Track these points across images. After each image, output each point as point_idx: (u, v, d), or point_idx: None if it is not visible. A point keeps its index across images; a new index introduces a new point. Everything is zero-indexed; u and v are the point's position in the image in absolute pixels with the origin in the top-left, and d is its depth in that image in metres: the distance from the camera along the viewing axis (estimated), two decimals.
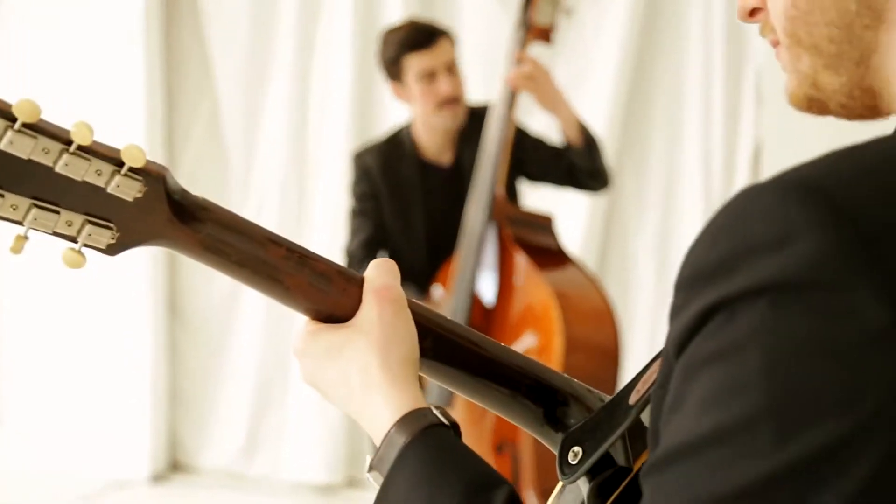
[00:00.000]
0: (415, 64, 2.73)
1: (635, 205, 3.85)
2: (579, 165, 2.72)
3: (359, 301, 0.84)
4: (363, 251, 2.75)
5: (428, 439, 0.76)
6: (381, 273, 0.85)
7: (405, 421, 0.78)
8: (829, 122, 0.75)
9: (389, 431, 0.78)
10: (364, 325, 0.83)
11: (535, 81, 2.64)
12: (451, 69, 2.76)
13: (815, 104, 0.72)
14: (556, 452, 0.84)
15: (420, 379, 0.84)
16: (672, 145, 3.78)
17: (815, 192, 0.55)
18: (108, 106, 4.13)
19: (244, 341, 4.28)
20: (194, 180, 4.21)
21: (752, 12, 0.74)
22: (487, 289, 2.67)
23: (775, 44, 0.72)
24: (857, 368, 0.53)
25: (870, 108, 0.70)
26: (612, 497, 0.81)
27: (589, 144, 2.70)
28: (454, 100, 2.76)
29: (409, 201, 2.83)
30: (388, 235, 2.82)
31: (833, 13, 0.67)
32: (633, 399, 0.79)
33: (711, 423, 0.55)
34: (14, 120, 0.70)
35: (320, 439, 4.11)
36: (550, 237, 2.70)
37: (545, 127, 3.19)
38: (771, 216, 0.55)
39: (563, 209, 3.01)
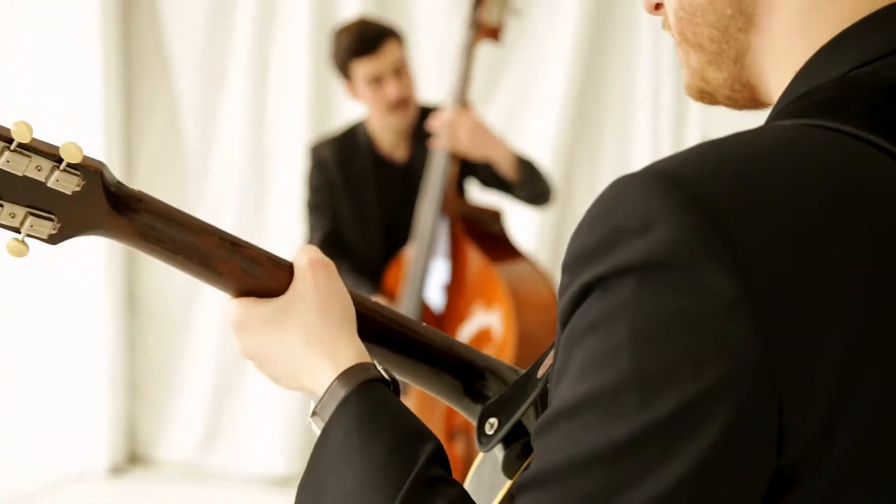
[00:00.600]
0: (362, 69, 2.79)
1: (588, 201, 3.90)
2: (519, 195, 2.79)
3: (287, 284, 0.90)
4: (323, 249, 2.80)
5: (367, 393, 0.82)
6: (310, 251, 0.92)
7: (348, 373, 0.84)
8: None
9: (333, 382, 0.84)
10: (301, 291, 0.89)
11: (460, 140, 2.67)
12: (399, 71, 2.81)
13: (706, 96, 0.80)
14: (473, 423, 0.91)
15: None
16: (623, 143, 3.83)
17: (674, 182, 0.62)
18: (66, 103, 4.14)
19: (202, 334, 4.31)
20: (153, 176, 4.24)
21: (657, 6, 0.82)
22: (440, 280, 2.73)
23: (673, 36, 0.80)
24: (708, 337, 0.59)
25: (751, 100, 0.78)
26: (525, 463, 0.87)
27: (527, 176, 2.75)
28: (403, 102, 2.81)
29: (364, 194, 2.88)
30: (342, 228, 2.87)
31: (712, 16, 0.75)
32: (540, 372, 0.86)
33: (586, 389, 0.62)
34: None
35: (279, 430, 4.15)
36: (500, 230, 2.77)
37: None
38: (636, 205, 0.62)
39: (513, 210, 3.06)
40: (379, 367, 0.86)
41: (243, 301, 0.90)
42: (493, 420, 0.88)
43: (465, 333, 2.65)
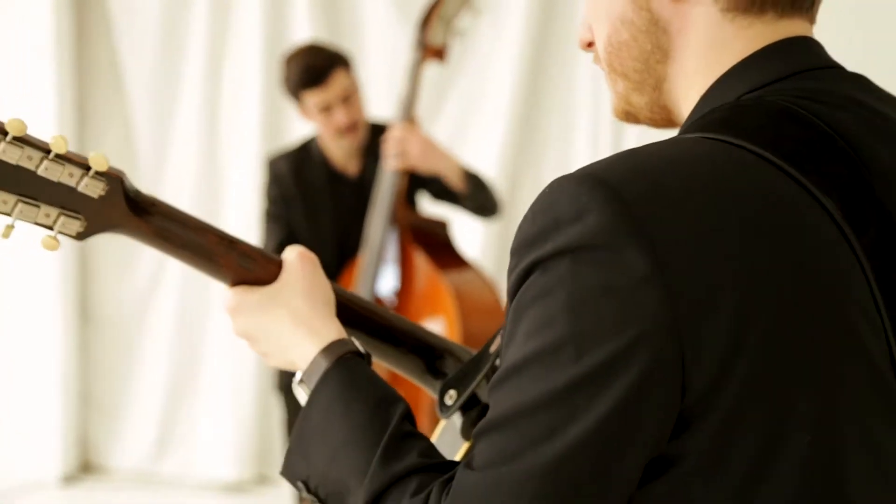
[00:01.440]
0: (311, 99, 2.91)
1: None
2: (467, 206, 2.91)
3: (276, 276, 1.05)
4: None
5: (346, 363, 0.98)
6: (296, 248, 1.07)
7: (330, 348, 0.99)
8: None
9: (317, 355, 0.99)
10: (290, 280, 1.04)
11: (407, 155, 2.79)
12: (348, 98, 2.92)
13: (630, 117, 0.95)
14: (435, 397, 1.06)
15: None
16: (564, 156, 3.94)
17: (600, 182, 0.76)
18: (21, 117, 4.21)
19: (155, 342, 4.36)
20: None
21: (589, 44, 0.97)
22: (389, 286, 2.86)
23: (602, 68, 0.95)
24: (626, 303, 0.74)
25: (667, 121, 0.94)
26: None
27: (474, 188, 2.87)
28: (352, 126, 2.94)
29: (319, 206, 3.01)
30: (297, 237, 2.99)
31: (636, 51, 0.90)
32: (492, 348, 1.01)
33: (531, 348, 0.77)
34: (6, 134, 0.90)
35: (231, 437, 4.21)
36: (446, 240, 2.91)
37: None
38: (570, 199, 0.77)
39: (459, 221, 3.20)
40: (355, 342, 1.01)
41: (239, 289, 1.05)
42: (452, 392, 1.03)
43: None
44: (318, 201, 3.01)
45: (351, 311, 1.09)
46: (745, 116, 0.82)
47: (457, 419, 1.05)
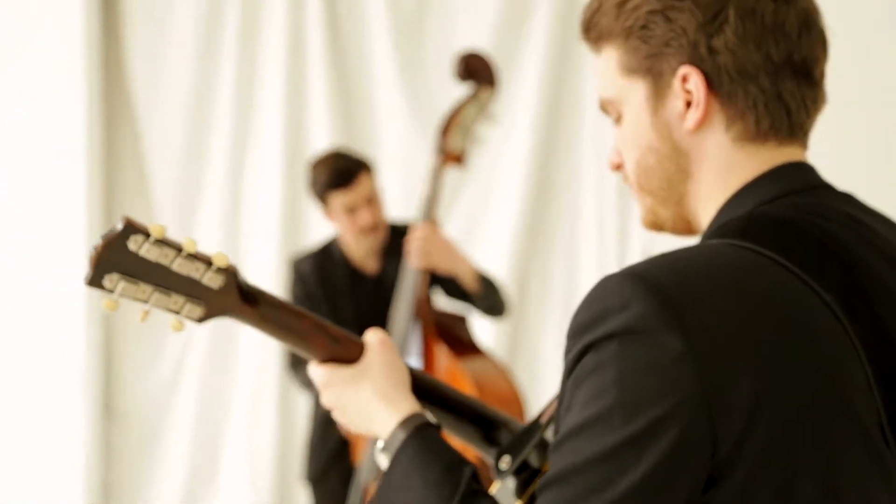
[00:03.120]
0: (337, 200, 3.07)
1: (540, 308, 4.16)
2: (479, 306, 3.07)
3: (357, 356, 1.24)
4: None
5: (421, 432, 1.16)
6: (377, 333, 1.26)
7: (407, 420, 1.18)
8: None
9: (396, 427, 1.17)
10: (373, 361, 1.23)
11: (429, 255, 2.94)
12: (371, 200, 3.09)
13: (657, 226, 1.14)
14: (491, 462, 1.23)
15: None
16: (572, 253, 4.10)
17: (641, 278, 0.93)
18: (51, 216, 4.37)
19: (176, 435, 4.45)
20: None
21: (617, 166, 1.16)
22: None
23: (631, 186, 1.14)
24: (664, 377, 0.90)
25: (688, 230, 1.13)
26: (530, 488, 1.20)
27: (486, 290, 3.03)
28: (374, 227, 3.10)
29: (341, 304, 3.16)
30: None
31: (661, 173, 1.09)
32: (542, 420, 1.19)
33: (586, 415, 0.92)
34: (149, 236, 1.08)
35: None
36: (466, 333, 3.05)
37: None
38: (616, 293, 0.93)
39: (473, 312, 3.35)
40: (428, 415, 1.19)
41: (328, 367, 1.24)
42: (507, 457, 1.20)
43: None
44: (341, 299, 3.16)
45: (424, 388, 1.28)
46: (758, 226, 1.00)
47: (510, 482, 1.22)
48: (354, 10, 4.29)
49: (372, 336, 1.26)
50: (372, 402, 1.21)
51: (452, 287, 3.11)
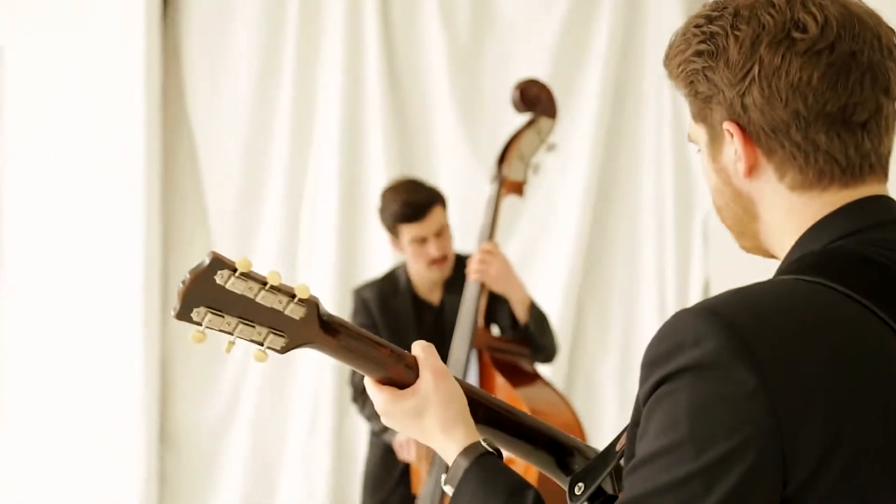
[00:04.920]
0: (408, 232, 3.09)
1: (599, 336, 4.15)
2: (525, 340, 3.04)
3: (414, 376, 1.24)
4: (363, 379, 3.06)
5: (482, 461, 1.18)
6: (428, 354, 1.26)
7: (466, 451, 1.20)
8: (758, 261, 1.16)
9: (457, 458, 1.19)
10: (429, 396, 1.24)
11: (489, 274, 2.94)
12: (441, 233, 3.10)
13: (749, 250, 1.15)
14: (565, 488, 1.23)
15: None
16: (630, 282, 4.10)
17: (716, 314, 0.95)
18: (108, 241, 4.44)
19: (232, 466, 4.46)
20: None
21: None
22: None
23: None
24: (737, 411, 0.91)
25: (771, 255, 1.13)
26: None
27: (536, 324, 3.01)
28: (442, 259, 3.12)
29: (403, 332, 3.17)
30: None
31: (730, 213, 1.12)
32: (617, 447, 1.19)
33: (659, 444, 0.94)
34: (235, 270, 1.11)
35: None
36: (525, 360, 3.05)
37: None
38: (690, 327, 0.95)
39: None
40: (485, 444, 1.21)
41: (388, 396, 1.25)
42: (581, 484, 1.20)
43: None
44: (402, 327, 3.17)
45: (496, 414, 1.29)
46: (831, 262, 1.01)
47: None
48: (411, 40, 4.33)
49: (425, 357, 1.26)
50: (430, 433, 1.23)
51: (502, 320, 3.11)
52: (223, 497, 4.50)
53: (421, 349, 1.26)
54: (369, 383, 1.26)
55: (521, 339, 3.06)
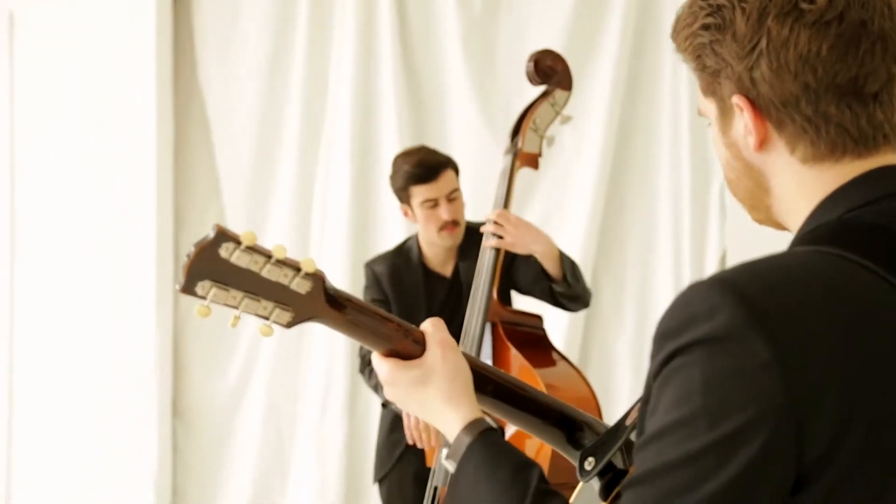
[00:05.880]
0: (419, 194, 3.08)
1: (614, 309, 4.14)
2: (559, 292, 3.01)
3: (421, 350, 1.23)
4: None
5: (484, 438, 1.16)
6: (437, 328, 1.26)
7: (469, 426, 1.18)
8: (776, 232, 1.14)
9: (459, 434, 1.18)
10: (436, 367, 1.23)
11: (507, 241, 2.90)
12: (453, 198, 3.09)
13: (762, 222, 1.14)
14: (575, 463, 1.21)
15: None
16: (646, 255, 4.08)
17: (730, 286, 0.93)
18: (121, 218, 4.46)
19: (245, 439, 4.49)
20: None
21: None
22: None
23: None
24: (751, 384, 0.89)
25: (782, 227, 1.12)
26: (615, 490, 1.17)
27: (567, 275, 2.97)
28: (454, 223, 3.10)
29: (414, 305, 3.16)
30: None
31: (742, 186, 1.11)
32: (628, 421, 1.17)
33: (671, 418, 0.92)
34: (240, 243, 1.09)
35: None
36: (540, 333, 3.03)
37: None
38: (704, 300, 0.93)
39: (546, 312, 3.33)
40: (488, 419, 1.20)
41: (393, 365, 1.23)
42: (591, 459, 1.19)
43: (509, 430, 2.90)
44: (414, 301, 3.16)
45: (505, 390, 1.29)
46: (846, 232, 1.00)
47: (594, 483, 1.20)
48: (424, 12, 4.31)
49: (434, 336, 1.25)
50: (434, 405, 1.22)
51: (525, 282, 3.08)
52: (236, 470, 4.52)
53: (430, 324, 1.25)
54: (375, 355, 1.25)
55: (552, 297, 3.02)
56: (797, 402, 0.89)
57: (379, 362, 1.24)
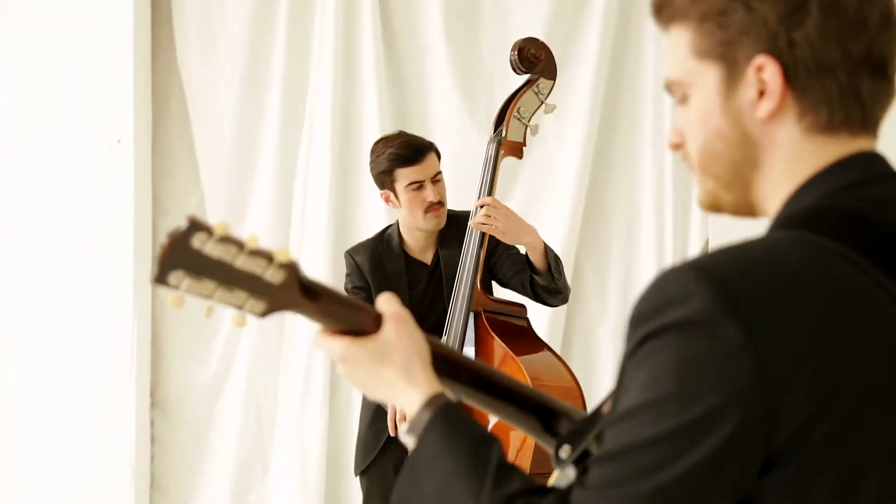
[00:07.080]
0: (405, 176, 3.05)
1: (596, 298, 4.14)
2: (541, 285, 3.01)
3: (375, 326, 1.21)
4: None
5: (446, 411, 1.15)
6: (389, 303, 1.23)
7: (430, 401, 1.16)
8: (759, 222, 1.11)
9: (420, 408, 1.16)
10: (391, 342, 1.20)
11: (495, 223, 2.92)
12: (437, 179, 3.08)
13: (715, 208, 1.13)
14: (551, 452, 1.20)
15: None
16: (628, 244, 4.08)
17: (704, 271, 0.93)
18: (98, 208, 4.41)
19: (225, 430, 4.46)
20: None
21: (676, 146, 1.14)
22: None
23: (692, 167, 1.12)
24: (723, 368, 0.91)
25: (752, 213, 1.11)
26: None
27: (551, 268, 2.97)
28: (439, 204, 3.08)
29: (395, 292, 3.12)
30: None
31: (728, 159, 1.07)
32: (604, 409, 1.15)
33: (643, 398, 0.93)
34: (212, 234, 1.08)
35: None
36: (524, 323, 3.03)
37: None
38: (679, 284, 0.94)
39: (529, 302, 3.32)
40: (448, 394, 1.19)
41: (346, 342, 1.21)
42: (567, 447, 1.17)
43: (493, 418, 2.89)
44: (395, 287, 3.14)
45: (480, 378, 1.28)
46: (824, 217, 1.00)
47: (570, 471, 1.18)
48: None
49: (386, 306, 1.22)
50: (390, 380, 1.20)
51: (505, 274, 3.08)
52: (215, 461, 4.49)
53: (382, 299, 1.23)
54: (323, 332, 1.22)
55: (533, 291, 3.03)
56: (769, 387, 0.90)
57: (331, 340, 1.21)
